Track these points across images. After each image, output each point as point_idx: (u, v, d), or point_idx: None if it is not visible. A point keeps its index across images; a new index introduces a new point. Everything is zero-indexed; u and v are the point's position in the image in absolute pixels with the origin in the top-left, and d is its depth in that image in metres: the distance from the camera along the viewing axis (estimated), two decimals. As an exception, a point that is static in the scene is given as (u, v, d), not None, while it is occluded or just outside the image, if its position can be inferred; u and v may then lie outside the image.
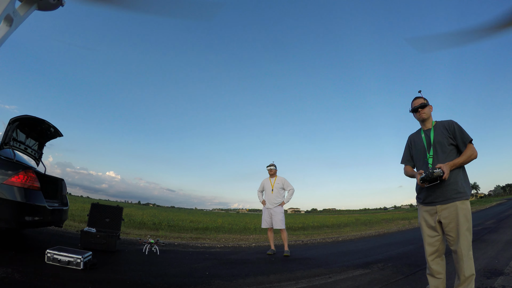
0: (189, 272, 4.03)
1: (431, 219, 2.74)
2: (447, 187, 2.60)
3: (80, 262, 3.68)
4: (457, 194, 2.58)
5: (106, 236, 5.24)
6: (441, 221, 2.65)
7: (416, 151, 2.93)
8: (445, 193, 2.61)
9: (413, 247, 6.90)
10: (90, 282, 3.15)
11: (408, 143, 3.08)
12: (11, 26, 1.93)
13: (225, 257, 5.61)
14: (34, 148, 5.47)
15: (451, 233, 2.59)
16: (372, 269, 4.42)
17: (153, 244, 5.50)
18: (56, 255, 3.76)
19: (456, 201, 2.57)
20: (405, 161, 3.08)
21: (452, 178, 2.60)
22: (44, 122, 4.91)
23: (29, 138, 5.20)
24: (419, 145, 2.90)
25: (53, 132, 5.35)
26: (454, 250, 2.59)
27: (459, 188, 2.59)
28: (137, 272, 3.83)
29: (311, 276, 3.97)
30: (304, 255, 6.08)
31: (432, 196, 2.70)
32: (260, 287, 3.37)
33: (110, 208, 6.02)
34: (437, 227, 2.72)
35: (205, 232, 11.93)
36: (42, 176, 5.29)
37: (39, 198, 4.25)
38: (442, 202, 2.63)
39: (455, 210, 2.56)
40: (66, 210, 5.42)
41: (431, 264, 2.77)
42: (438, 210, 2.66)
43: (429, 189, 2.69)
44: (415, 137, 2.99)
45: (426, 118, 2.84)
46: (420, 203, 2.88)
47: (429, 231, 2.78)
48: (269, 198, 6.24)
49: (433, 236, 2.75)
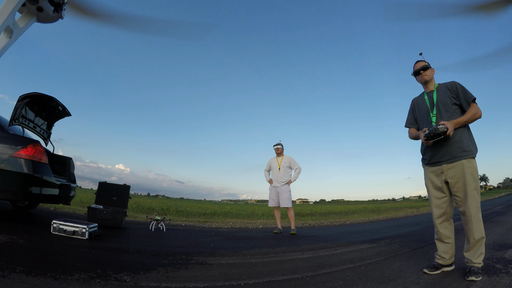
0: (194, 244, 4.03)
1: (437, 179, 2.67)
2: (452, 146, 2.53)
3: (85, 232, 3.72)
4: (462, 152, 2.51)
5: (112, 212, 5.29)
6: (447, 181, 2.58)
7: (420, 112, 2.87)
8: (451, 152, 2.54)
9: (421, 227, 6.81)
10: (93, 248, 3.17)
11: (412, 106, 3.01)
12: (10, 38, 1.97)
13: (231, 234, 5.62)
14: (43, 127, 5.51)
15: (458, 193, 2.51)
16: (379, 244, 4.35)
17: (160, 221, 5.53)
18: (62, 225, 3.81)
19: (462, 159, 2.50)
20: (409, 123, 3.00)
21: (457, 136, 2.53)
22: (53, 100, 4.93)
23: (37, 117, 5.24)
24: (422, 106, 2.84)
25: (61, 111, 5.39)
26: (463, 212, 2.51)
27: (465, 147, 2.51)
28: (141, 243, 3.84)
29: (317, 249, 3.92)
30: (311, 233, 6.05)
31: (438, 156, 2.63)
32: (265, 256, 3.33)
33: (117, 186, 6.07)
34: (444, 188, 2.64)
35: (212, 217, 11.99)
36: (50, 155, 5.38)
37: (47, 171, 4.27)
38: (448, 161, 2.56)
39: (461, 168, 2.48)
40: (74, 187, 5.48)
41: (439, 227, 2.70)
42: (444, 169, 2.59)
43: (434, 149, 2.63)
44: (418, 100, 2.93)
45: (428, 80, 2.79)
46: (425, 164, 2.81)
47: (436, 192, 2.70)
48: (276, 176, 6.19)
49: (440, 198, 2.67)
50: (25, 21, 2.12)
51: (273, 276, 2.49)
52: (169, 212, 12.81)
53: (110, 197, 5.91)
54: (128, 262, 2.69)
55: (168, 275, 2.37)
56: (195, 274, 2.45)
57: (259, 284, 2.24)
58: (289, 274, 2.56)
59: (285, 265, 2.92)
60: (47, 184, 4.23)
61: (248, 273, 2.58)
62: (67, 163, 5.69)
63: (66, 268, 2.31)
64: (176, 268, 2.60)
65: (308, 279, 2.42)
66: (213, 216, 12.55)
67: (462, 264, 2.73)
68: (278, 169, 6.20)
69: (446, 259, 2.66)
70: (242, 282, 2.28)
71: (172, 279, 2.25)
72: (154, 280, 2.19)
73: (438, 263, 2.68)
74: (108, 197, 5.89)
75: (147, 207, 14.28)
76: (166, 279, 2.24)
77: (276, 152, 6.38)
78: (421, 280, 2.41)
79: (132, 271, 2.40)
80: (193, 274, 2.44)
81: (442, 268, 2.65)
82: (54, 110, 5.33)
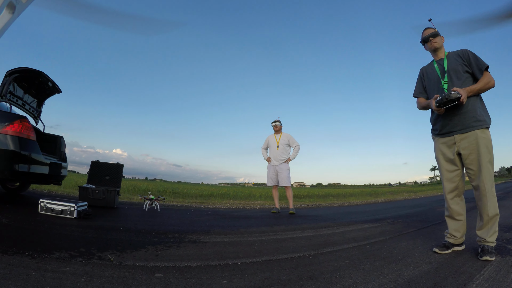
0: (189, 223, 3.85)
1: (449, 151, 2.47)
2: (465, 115, 2.34)
3: (73, 211, 3.51)
4: (476, 122, 2.32)
5: (105, 192, 5.08)
6: (460, 152, 2.39)
7: (429, 81, 2.66)
8: (464, 121, 2.35)
9: (422, 209, 6.70)
10: (80, 227, 2.96)
11: (420, 75, 2.79)
12: (13, 14, 1.92)
13: (227, 214, 5.46)
14: (33, 105, 5.22)
15: (471, 165, 2.33)
16: (381, 223, 4.20)
17: (154, 200, 5.34)
18: (49, 204, 3.60)
19: (476, 129, 2.31)
20: (418, 93, 2.78)
21: (469, 105, 2.34)
22: (42, 75, 4.62)
23: (27, 94, 4.93)
24: (432, 74, 2.64)
25: (51, 87, 5.08)
26: (476, 186, 2.32)
27: (478, 116, 2.33)
28: (132, 222, 3.64)
29: (318, 228, 3.75)
30: (310, 213, 5.90)
31: (450, 125, 2.43)
32: (263, 235, 3.15)
33: (110, 165, 5.85)
34: (456, 160, 2.45)
35: (209, 198, 11.87)
36: (41, 134, 5.13)
37: (35, 148, 4.00)
38: (461, 131, 2.37)
39: (475, 139, 2.30)
40: (65, 167, 5.24)
41: (450, 203, 2.52)
42: (457, 140, 2.40)
43: (446, 118, 2.43)
44: (428, 68, 2.72)
45: (438, 48, 2.60)
46: (436, 135, 2.60)
47: (447, 165, 2.51)
48: (275, 154, 5.94)
49: (452, 171, 2.49)
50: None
51: (273, 255, 2.30)
52: (165, 194, 12.66)
53: (103, 177, 5.69)
54: (115, 241, 2.49)
55: (157, 253, 2.17)
56: (187, 253, 2.24)
57: (257, 264, 2.04)
58: (290, 253, 2.37)
59: (285, 244, 2.74)
60: (35, 162, 3.98)
61: (245, 251, 2.39)
62: (57, 141, 5.42)
63: (47, 247, 2.11)
64: (167, 247, 2.39)
65: (311, 258, 2.23)
66: (210, 197, 12.42)
67: (473, 244, 2.58)
68: (276, 146, 5.94)
69: (457, 238, 2.48)
70: (239, 261, 2.08)
71: (161, 258, 2.05)
72: (141, 259, 1.98)
73: (449, 242, 2.50)
74: (101, 177, 5.68)
75: (144, 189, 14.14)
76: (154, 258, 2.04)
77: (274, 129, 6.11)
78: (432, 259, 2.23)
79: (118, 249, 2.19)
80: (185, 253, 2.24)
81: (453, 248, 2.48)
82: (44, 86, 5.02)
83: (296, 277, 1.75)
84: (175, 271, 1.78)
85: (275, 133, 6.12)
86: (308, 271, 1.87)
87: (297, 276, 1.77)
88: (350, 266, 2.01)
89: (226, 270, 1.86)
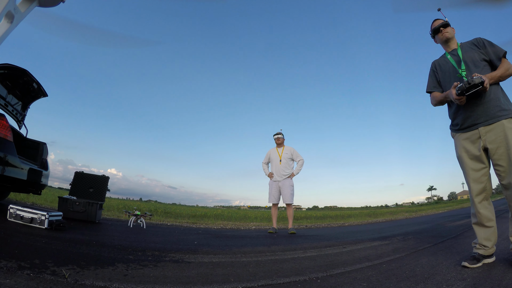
0: (174, 241, 3.39)
1: (473, 147, 2.18)
2: (489, 104, 2.09)
3: (44, 220, 3.11)
4: (501, 111, 2.07)
5: (86, 204, 4.62)
6: (487, 147, 2.10)
7: (443, 73, 2.41)
8: (487, 111, 2.09)
9: (430, 225, 6.27)
10: (47, 237, 2.53)
11: (433, 68, 2.54)
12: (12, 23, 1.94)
13: (220, 233, 4.97)
14: (17, 107, 4.87)
15: (500, 161, 2.03)
16: (391, 241, 3.75)
17: (139, 216, 4.86)
18: (19, 211, 3.21)
19: (502, 119, 2.05)
20: (432, 87, 2.51)
21: (492, 93, 2.09)
22: (26, 74, 4.33)
23: (10, 94, 4.59)
24: (446, 66, 2.40)
25: (37, 89, 4.77)
26: (507, 184, 2.00)
27: (503, 105, 2.08)
28: (110, 237, 3.19)
29: (322, 247, 3.30)
30: (310, 233, 5.39)
31: (472, 117, 2.15)
32: (259, 255, 2.70)
33: (95, 177, 5.41)
34: (482, 157, 2.15)
35: (202, 219, 11.27)
36: (23, 139, 4.78)
37: (11, 150, 3.58)
38: (485, 123, 2.10)
39: (502, 130, 2.02)
40: (46, 175, 4.79)
41: (479, 207, 2.17)
42: (482, 133, 2.12)
43: (467, 110, 2.16)
44: (440, 61, 2.49)
45: (450, 38, 2.42)
46: (457, 130, 2.31)
47: (473, 163, 2.19)
48: (277, 169, 5.47)
49: (479, 170, 2.17)
50: (26, 6, 2.05)
51: (271, 278, 1.87)
52: (156, 213, 12.05)
53: (87, 189, 5.26)
54: (81, 255, 2.05)
55: (127, 273, 1.73)
56: (164, 274, 1.80)
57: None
58: (292, 276, 1.94)
59: (286, 265, 2.29)
60: (10, 165, 3.55)
61: (237, 274, 1.94)
62: (40, 148, 5.02)
63: (-5, 257, 1.68)
64: (141, 266, 1.95)
65: (320, 282, 1.80)
66: (203, 218, 11.80)
67: (503, 254, 2.27)
68: (279, 161, 5.48)
69: (488, 248, 2.12)
70: (229, 286, 1.66)
71: (130, 279, 1.61)
72: (104, 279, 1.55)
73: (479, 254, 2.13)
74: (84, 189, 5.25)
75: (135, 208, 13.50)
76: (121, 278, 1.60)
77: (276, 142, 5.66)
78: (465, 275, 1.84)
79: (80, 265, 1.76)
80: (161, 274, 1.80)
81: (483, 260, 2.10)
82: (28, 87, 4.70)
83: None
84: (143, 296, 1.35)
85: (277, 146, 5.69)
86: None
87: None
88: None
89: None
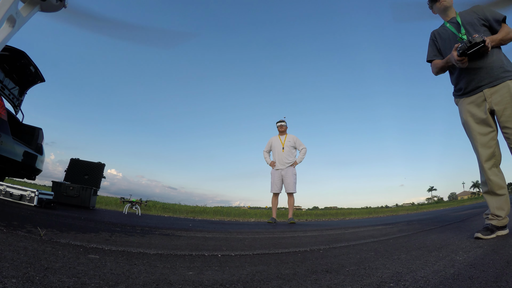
0: (168, 223, 3.23)
1: (479, 110, 2.08)
2: (492, 65, 2.01)
3: (34, 197, 2.99)
4: (505, 72, 2.00)
5: (79, 189, 4.48)
6: (493, 109, 2.01)
7: (443, 41, 2.33)
8: (491, 73, 2.01)
9: (434, 215, 6.11)
10: (33, 211, 2.38)
11: (432, 37, 2.45)
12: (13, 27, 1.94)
13: (218, 222, 4.81)
14: (14, 92, 4.74)
15: (508, 123, 1.94)
16: (396, 225, 3.57)
17: (134, 203, 4.71)
18: (9, 187, 3.11)
19: (507, 80, 1.97)
20: (432, 56, 2.41)
21: (494, 55, 2.02)
22: (24, 56, 4.19)
23: (7, 78, 4.46)
24: (445, 34, 2.32)
25: (34, 73, 4.64)
26: None
27: (506, 66, 2.01)
28: (101, 217, 3.04)
29: (323, 229, 3.14)
30: (312, 224, 5.23)
31: (476, 80, 2.07)
32: (256, 234, 2.54)
33: (91, 164, 5.31)
34: (489, 120, 2.05)
35: (201, 214, 11.13)
36: (19, 125, 4.65)
37: (4, 129, 3.43)
38: (490, 84, 2.03)
39: (508, 91, 1.95)
40: (41, 160, 4.65)
41: (489, 174, 2.03)
42: (487, 95, 2.03)
43: (470, 73, 2.09)
44: (439, 30, 2.41)
45: (448, 7, 2.34)
46: (460, 95, 2.22)
47: (479, 127, 2.08)
48: (280, 157, 5.31)
49: (487, 133, 2.06)
50: (28, 10, 2.05)
51: (269, 249, 1.71)
52: (155, 208, 11.91)
53: (82, 176, 5.16)
54: (65, 224, 1.90)
55: (109, 238, 1.57)
56: (150, 242, 1.64)
57: (246, 257, 1.46)
58: (291, 247, 1.78)
59: (285, 241, 2.14)
60: (4, 144, 3.42)
61: (231, 246, 1.78)
62: (35, 133, 4.89)
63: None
64: (127, 235, 1.80)
65: (322, 252, 1.64)
66: (202, 213, 11.67)
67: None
68: (281, 148, 5.31)
69: (501, 218, 1.98)
70: (220, 253, 1.50)
71: (112, 243, 1.45)
72: (82, 240, 1.40)
73: (492, 225, 1.98)
74: (79, 175, 5.14)
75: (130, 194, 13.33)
76: (102, 241, 1.45)
77: (279, 130, 5.50)
78: (481, 244, 1.69)
79: (61, 230, 1.61)
80: (147, 241, 1.64)
81: (497, 232, 1.95)
82: (26, 70, 4.57)
83: (304, 271, 1.17)
84: (121, 256, 1.19)
85: (279, 134, 5.53)
86: (322, 264, 1.29)
87: (307, 270, 1.19)
88: (379, 257, 1.43)
89: (199, 261, 1.27)
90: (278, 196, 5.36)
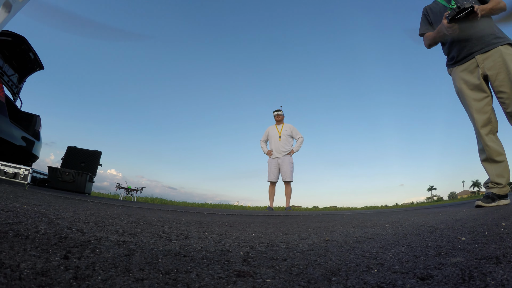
0: (163, 207, 3.17)
1: (472, 76, 2.06)
2: (483, 32, 2.00)
3: (27, 175, 2.95)
4: (496, 39, 1.98)
5: (75, 174, 4.43)
6: (486, 74, 1.99)
7: (434, 14, 2.34)
8: (483, 39, 2.00)
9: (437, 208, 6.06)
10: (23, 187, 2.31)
11: (424, 13, 2.46)
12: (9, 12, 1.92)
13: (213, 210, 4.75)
14: (13, 79, 4.70)
15: (503, 87, 1.91)
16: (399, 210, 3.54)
17: (130, 190, 4.66)
18: (3, 166, 3.06)
19: (498, 45, 1.95)
20: (424, 29, 2.41)
21: (485, 23, 2.01)
22: (24, 41, 4.13)
23: (7, 64, 4.41)
24: (436, 8, 2.34)
25: (33, 59, 4.58)
26: None
27: (497, 33, 2.00)
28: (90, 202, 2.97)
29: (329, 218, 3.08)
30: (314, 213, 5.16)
31: (468, 47, 2.06)
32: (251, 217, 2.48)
33: (88, 152, 5.29)
34: (482, 85, 2.03)
35: (200, 208, 11.12)
36: (17, 112, 4.61)
37: (2, 110, 3.38)
38: (482, 50, 2.01)
39: (500, 56, 1.92)
40: (38, 146, 4.61)
41: (486, 140, 1.99)
42: (479, 61, 2.01)
43: (461, 41, 2.09)
44: (431, 5, 2.43)
45: None
46: (453, 64, 2.20)
47: (474, 93, 2.06)
48: (276, 146, 5.28)
49: (481, 99, 2.03)
50: None
51: (268, 217, 1.66)
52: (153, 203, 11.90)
53: (78, 163, 5.12)
54: (53, 196, 1.84)
55: (94, 206, 1.51)
56: (129, 213, 1.55)
57: (237, 216, 1.40)
58: (296, 216, 1.72)
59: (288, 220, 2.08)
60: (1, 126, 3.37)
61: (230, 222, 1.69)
62: (33, 119, 4.86)
63: None
64: (115, 207, 1.73)
65: (320, 216, 1.59)
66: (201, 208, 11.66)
67: None
68: (278, 137, 5.30)
69: (502, 186, 1.93)
70: (205, 211, 1.44)
71: (105, 202, 1.40)
72: (60, 210, 1.34)
73: (492, 193, 1.94)
74: (76, 163, 5.11)
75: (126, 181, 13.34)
76: (96, 200, 1.39)
77: (276, 119, 5.48)
78: (485, 209, 1.65)
79: (49, 201, 1.55)
80: (125, 213, 1.55)
81: (498, 200, 1.90)
82: (25, 57, 4.51)
83: (315, 226, 1.11)
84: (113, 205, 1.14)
85: (276, 123, 5.50)
86: (321, 217, 1.24)
87: (317, 226, 1.13)
88: (378, 215, 1.39)
89: (174, 213, 1.21)
90: (275, 185, 5.30)
